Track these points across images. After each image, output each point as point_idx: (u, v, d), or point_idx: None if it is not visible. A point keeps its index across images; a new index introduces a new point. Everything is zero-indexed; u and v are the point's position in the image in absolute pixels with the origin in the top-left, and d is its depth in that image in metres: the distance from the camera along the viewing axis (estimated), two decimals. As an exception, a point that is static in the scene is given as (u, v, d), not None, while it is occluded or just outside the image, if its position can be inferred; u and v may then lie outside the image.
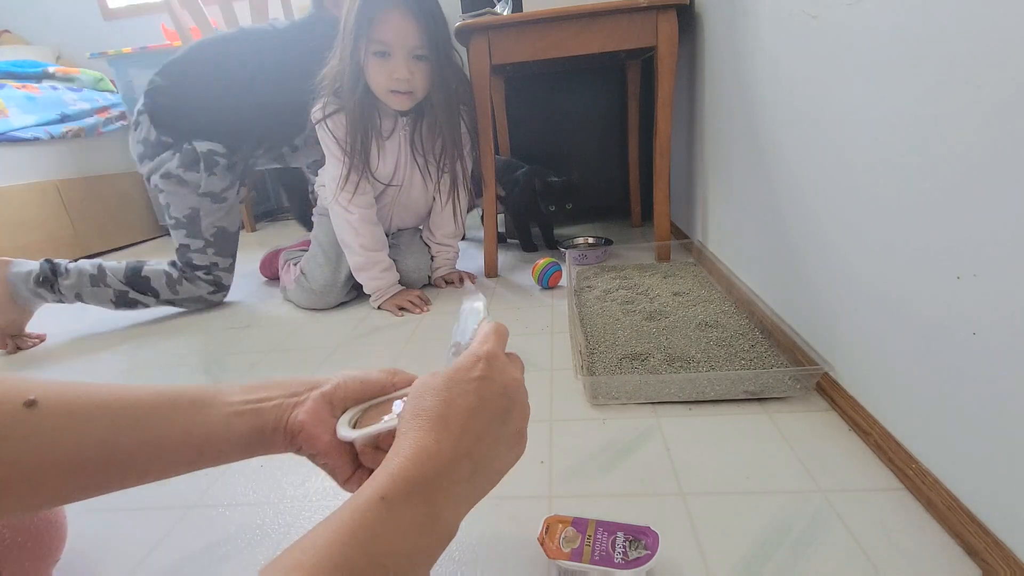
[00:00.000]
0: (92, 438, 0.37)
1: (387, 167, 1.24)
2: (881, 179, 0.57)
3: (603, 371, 0.82)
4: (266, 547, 0.56)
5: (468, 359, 0.37)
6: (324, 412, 0.43)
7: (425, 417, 0.34)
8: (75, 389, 0.38)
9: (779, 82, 0.82)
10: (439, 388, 0.36)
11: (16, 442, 0.34)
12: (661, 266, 1.30)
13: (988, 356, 0.45)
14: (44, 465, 0.35)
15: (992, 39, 0.42)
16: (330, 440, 0.42)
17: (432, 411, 0.35)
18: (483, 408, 0.35)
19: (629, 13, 1.17)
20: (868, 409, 0.64)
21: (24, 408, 0.35)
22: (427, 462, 0.32)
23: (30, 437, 0.35)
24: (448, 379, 0.36)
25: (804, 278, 0.78)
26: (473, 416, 0.35)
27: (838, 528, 0.51)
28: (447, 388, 0.36)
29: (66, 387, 0.38)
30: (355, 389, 0.45)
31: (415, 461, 0.32)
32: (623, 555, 0.46)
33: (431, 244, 1.39)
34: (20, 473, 0.34)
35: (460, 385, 0.36)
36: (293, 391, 0.44)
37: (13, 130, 1.95)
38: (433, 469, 0.32)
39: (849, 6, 0.61)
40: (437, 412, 0.34)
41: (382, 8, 1.04)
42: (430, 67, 1.12)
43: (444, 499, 0.32)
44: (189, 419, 0.40)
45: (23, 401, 0.35)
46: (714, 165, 1.20)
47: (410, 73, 1.10)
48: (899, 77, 0.53)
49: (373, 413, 0.45)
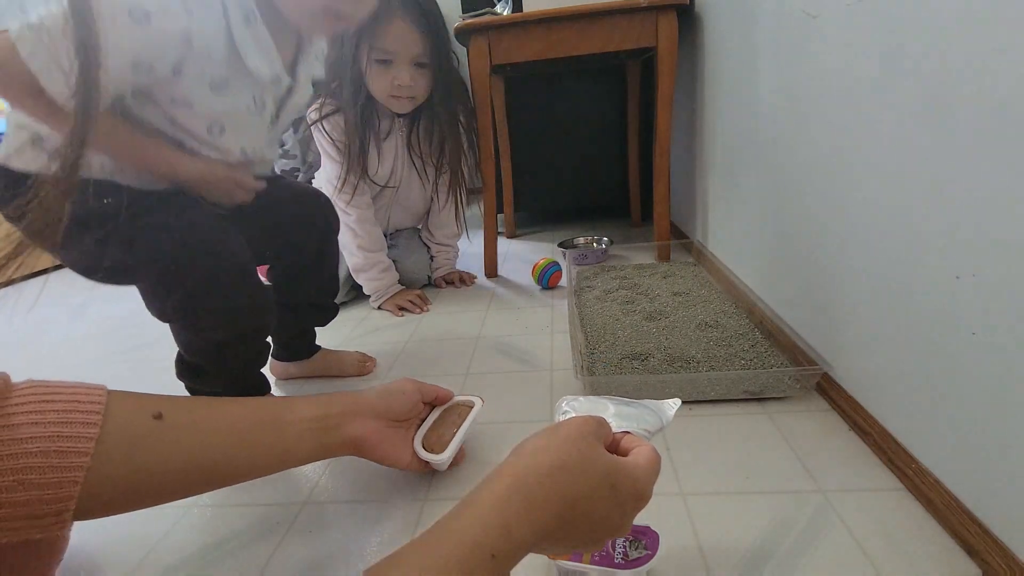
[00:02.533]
0: (209, 450, 0.43)
1: (384, 168, 1.24)
2: (881, 179, 0.57)
3: (603, 371, 0.82)
4: (266, 547, 0.56)
5: (634, 484, 0.35)
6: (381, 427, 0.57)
7: (569, 486, 0.32)
8: (194, 403, 0.47)
9: (779, 82, 0.82)
10: (596, 475, 0.33)
11: (146, 450, 0.40)
12: (661, 266, 1.30)
13: (988, 356, 0.45)
14: (168, 471, 0.41)
15: (993, 38, 0.42)
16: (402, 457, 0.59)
17: (577, 488, 0.33)
18: (604, 525, 0.34)
19: (629, 13, 1.17)
20: (868, 409, 0.64)
21: (153, 420, 0.41)
22: (542, 539, 0.32)
23: (158, 445, 0.40)
24: (611, 477, 0.34)
25: (804, 278, 0.78)
26: (596, 527, 0.34)
27: (838, 528, 0.51)
28: (601, 483, 0.33)
29: (188, 402, 0.46)
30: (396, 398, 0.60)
31: (535, 533, 0.31)
32: (623, 555, 0.46)
33: (430, 244, 1.39)
34: (150, 477, 0.40)
35: (612, 495, 0.34)
36: (348, 410, 0.55)
37: (13, 130, 1.94)
38: (542, 544, 0.32)
39: (849, 6, 0.61)
40: (579, 495, 0.33)
41: (385, 16, 1.04)
42: (431, 73, 1.13)
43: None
44: (276, 436, 0.49)
45: (152, 414, 0.40)
46: (714, 165, 1.20)
47: (412, 80, 1.11)
48: (899, 76, 0.53)
49: (439, 429, 0.63)
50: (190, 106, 0.60)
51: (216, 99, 0.61)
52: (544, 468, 0.33)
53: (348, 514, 0.60)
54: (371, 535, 0.56)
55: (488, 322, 1.11)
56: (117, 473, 0.38)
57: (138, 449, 0.39)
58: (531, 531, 0.31)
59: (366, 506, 0.61)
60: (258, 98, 0.66)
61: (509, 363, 0.91)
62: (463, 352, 0.97)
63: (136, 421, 0.40)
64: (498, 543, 0.30)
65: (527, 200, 1.92)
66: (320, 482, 0.66)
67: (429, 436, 0.62)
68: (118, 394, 0.40)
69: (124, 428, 0.38)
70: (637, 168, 1.77)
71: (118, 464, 0.38)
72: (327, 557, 0.54)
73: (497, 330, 1.06)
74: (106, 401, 0.38)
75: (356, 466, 0.68)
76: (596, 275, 1.27)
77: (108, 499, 0.38)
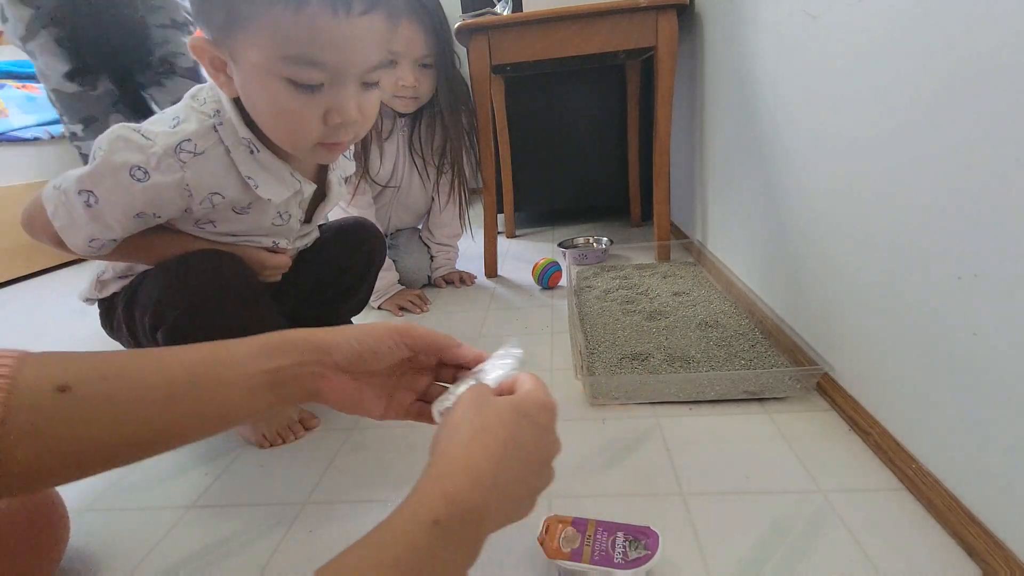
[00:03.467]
0: (128, 424, 0.37)
1: (386, 168, 1.24)
2: (881, 179, 0.57)
3: (603, 371, 0.82)
4: (266, 547, 0.56)
5: (538, 404, 0.37)
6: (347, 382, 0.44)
7: (491, 439, 0.34)
8: (115, 363, 0.39)
9: (779, 82, 0.82)
10: (507, 418, 0.35)
11: (49, 429, 0.34)
12: (661, 266, 1.30)
13: (988, 356, 0.45)
14: (77, 449, 0.36)
15: (993, 39, 0.42)
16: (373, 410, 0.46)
17: (498, 437, 0.34)
18: (539, 453, 0.36)
19: (629, 13, 1.17)
20: (868, 409, 0.64)
21: (57, 393, 0.35)
22: (488, 492, 0.31)
23: (62, 423, 0.35)
24: (518, 413, 0.36)
25: (804, 278, 0.78)
26: (532, 456, 0.35)
27: (838, 528, 0.51)
28: (516, 422, 0.35)
29: (106, 363, 0.38)
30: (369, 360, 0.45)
31: (475, 488, 0.31)
32: (623, 555, 0.46)
33: (431, 244, 1.39)
34: (53, 458, 0.35)
35: (528, 423, 0.36)
36: (303, 359, 0.43)
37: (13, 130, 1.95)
38: (492, 500, 0.32)
39: (849, 6, 0.61)
40: (503, 439, 0.34)
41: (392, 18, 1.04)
42: (435, 74, 1.14)
43: (489, 529, 0.32)
44: (220, 393, 0.41)
45: (55, 386, 0.35)
46: (714, 165, 1.20)
47: (417, 81, 1.11)
48: (900, 77, 0.53)
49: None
50: (214, 224, 0.65)
51: (240, 219, 0.65)
52: (465, 439, 0.34)
53: (348, 514, 0.60)
54: (371, 535, 0.56)
55: (488, 322, 1.11)
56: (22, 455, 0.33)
57: (40, 429, 0.34)
58: (474, 492, 0.31)
59: (366, 506, 0.61)
60: (283, 212, 0.69)
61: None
62: (463, 352, 0.97)
63: (38, 395, 0.34)
64: (440, 509, 0.30)
65: (527, 200, 1.92)
66: (320, 482, 0.66)
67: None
68: (31, 359, 0.35)
69: (26, 403, 0.34)
70: (637, 168, 1.77)
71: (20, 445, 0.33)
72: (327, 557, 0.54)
73: (497, 330, 1.06)
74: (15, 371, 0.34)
75: (356, 466, 0.68)
76: (596, 275, 1.27)
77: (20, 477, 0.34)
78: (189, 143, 0.57)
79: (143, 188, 0.56)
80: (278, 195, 0.64)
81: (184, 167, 0.57)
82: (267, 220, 0.67)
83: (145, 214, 0.59)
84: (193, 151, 0.58)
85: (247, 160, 0.61)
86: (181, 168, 0.57)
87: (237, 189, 0.62)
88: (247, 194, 0.63)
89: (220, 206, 0.62)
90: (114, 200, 0.56)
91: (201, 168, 0.58)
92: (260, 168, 0.62)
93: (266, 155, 0.62)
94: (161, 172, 0.56)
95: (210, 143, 0.59)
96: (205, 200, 0.60)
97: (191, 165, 0.58)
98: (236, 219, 0.65)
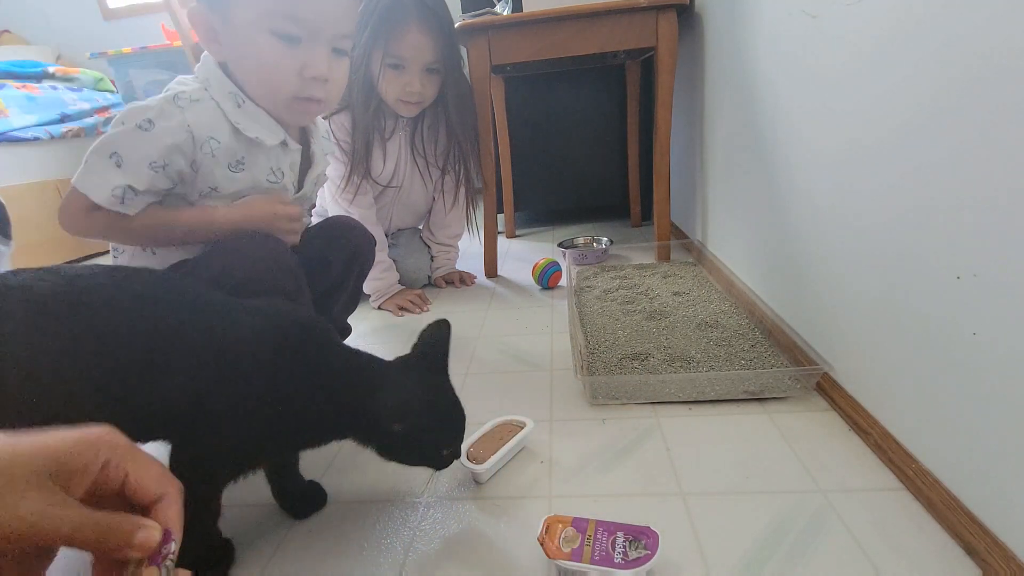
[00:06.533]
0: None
1: (388, 168, 1.24)
2: (881, 178, 0.57)
3: (603, 371, 0.82)
4: (265, 547, 0.56)
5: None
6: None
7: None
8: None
9: (779, 82, 0.82)
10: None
11: None
12: (661, 266, 1.30)
13: (988, 356, 0.45)
14: None
15: (992, 40, 0.42)
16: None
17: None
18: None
19: (629, 13, 1.17)
20: (868, 409, 0.64)
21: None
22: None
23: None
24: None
25: (804, 278, 0.78)
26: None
27: (838, 528, 0.52)
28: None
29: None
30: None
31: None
32: (623, 555, 0.46)
33: (431, 244, 1.39)
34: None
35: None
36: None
37: (13, 130, 1.94)
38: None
39: (849, 6, 0.61)
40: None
41: (400, 23, 1.06)
42: (441, 79, 1.15)
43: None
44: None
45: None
46: (714, 165, 1.20)
47: (423, 86, 1.12)
48: (899, 77, 0.53)
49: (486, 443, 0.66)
50: (217, 190, 0.69)
51: (237, 177, 0.69)
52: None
53: (348, 514, 0.60)
54: (371, 535, 0.56)
55: (488, 322, 1.11)
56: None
57: None
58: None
59: (366, 506, 0.61)
60: (275, 168, 0.73)
61: (509, 363, 0.92)
62: (463, 352, 0.97)
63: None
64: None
65: (527, 200, 1.92)
66: (320, 482, 0.66)
67: (476, 446, 0.65)
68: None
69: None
70: (637, 168, 1.77)
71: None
72: (327, 557, 0.54)
73: (497, 330, 1.06)
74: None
75: (356, 466, 0.68)
76: (596, 275, 1.27)
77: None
78: (184, 95, 0.66)
79: (152, 136, 0.63)
80: (265, 136, 0.69)
81: (183, 111, 0.65)
82: (262, 177, 0.72)
83: (157, 164, 0.63)
84: (188, 99, 0.65)
85: (235, 111, 0.68)
86: (181, 112, 0.64)
87: (229, 135, 0.67)
88: (239, 142, 0.68)
89: (219, 155, 0.67)
90: (129, 152, 0.63)
91: (199, 111, 0.66)
92: (246, 116, 0.68)
93: (251, 105, 0.69)
94: (164, 118, 0.64)
95: (202, 97, 0.67)
96: (205, 145, 0.65)
97: (188, 108, 0.65)
98: (234, 178, 0.69)
